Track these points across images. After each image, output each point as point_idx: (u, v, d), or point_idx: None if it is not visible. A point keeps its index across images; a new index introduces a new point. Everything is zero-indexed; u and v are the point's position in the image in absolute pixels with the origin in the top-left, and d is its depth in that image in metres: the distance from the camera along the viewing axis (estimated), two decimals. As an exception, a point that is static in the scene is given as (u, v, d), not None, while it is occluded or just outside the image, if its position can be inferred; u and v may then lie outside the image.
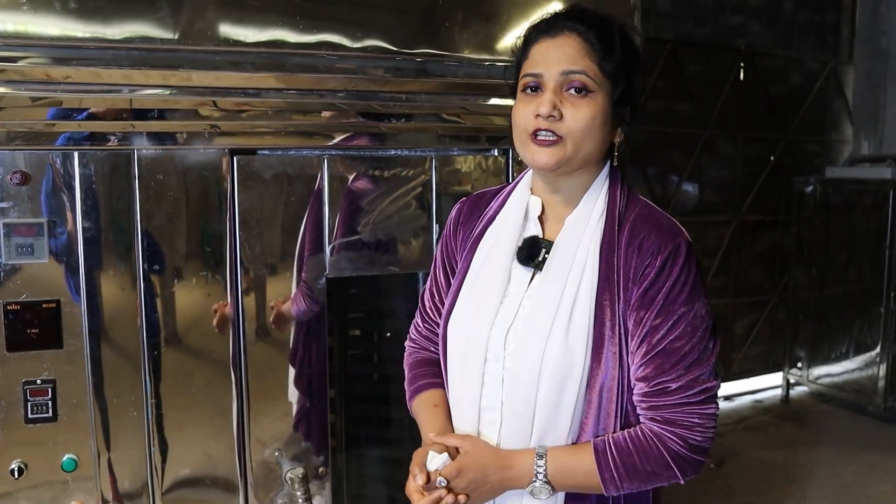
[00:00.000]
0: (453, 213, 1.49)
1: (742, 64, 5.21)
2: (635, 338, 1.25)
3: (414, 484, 1.25)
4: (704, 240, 5.20)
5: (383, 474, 2.21)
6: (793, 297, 5.37)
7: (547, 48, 1.27)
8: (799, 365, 5.31)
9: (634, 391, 1.27)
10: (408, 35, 1.82)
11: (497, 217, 1.40)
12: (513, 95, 1.33)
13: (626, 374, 1.26)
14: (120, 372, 1.67)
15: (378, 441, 2.22)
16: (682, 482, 1.27)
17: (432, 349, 1.49)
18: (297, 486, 1.78)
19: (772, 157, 5.48)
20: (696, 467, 1.27)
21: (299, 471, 1.79)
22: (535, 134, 1.25)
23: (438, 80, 1.86)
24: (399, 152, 1.87)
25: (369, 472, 2.20)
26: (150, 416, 1.69)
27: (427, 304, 1.50)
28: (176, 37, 1.62)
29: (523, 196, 1.38)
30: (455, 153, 1.92)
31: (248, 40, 1.68)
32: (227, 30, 1.67)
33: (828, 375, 5.12)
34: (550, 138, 1.24)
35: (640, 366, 1.25)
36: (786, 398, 5.39)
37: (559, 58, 1.25)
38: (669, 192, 5.04)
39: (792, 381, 5.40)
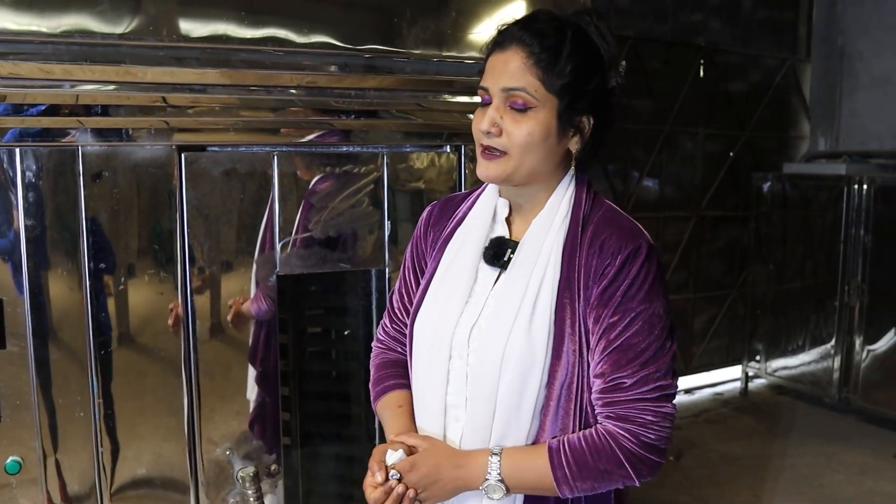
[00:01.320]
0: (424, 215, 1.50)
1: (702, 61, 5.27)
2: (594, 335, 1.26)
3: (370, 479, 1.26)
4: (665, 235, 5.26)
5: (338, 471, 2.20)
6: (751, 292, 5.45)
7: (495, 62, 1.28)
8: (757, 358, 5.40)
9: (593, 389, 1.27)
10: (355, 31, 1.81)
11: (466, 218, 1.42)
12: None
13: (585, 373, 1.27)
14: (66, 372, 1.63)
15: (333, 438, 2.21)
16: (637, 484, 1.26)
17: (399, 350, 1.49)
18: (248, 484, 1.77)
19: (731, 153, 5.56)
20: (652, 467, 1.26)
21: (250, 469, 1.78)
22: (484, 148, 1.28)
23: (387, 76, 1.85)
24: (350, 149, 1.86)
25: (324, 470, 2.19)
26: (97, 417, 1.66)
27: (395, 304, 1.50)
28: (117, 31, 1.59)
29: (492, 198, 1.40)
30: (407, 149, 1.92)
31: (191, 35, 1.66)
32: (170, 24, 1.64)
33: (785, 368, 5.22)
34: (495, 153, 1.27)
35: (598, 363, 1.26)
36: (744, 391, 5.48)
37: (502, 73, 1.26)
38: (630, 188, 5.09)
39: (750, 373, 5.49)
